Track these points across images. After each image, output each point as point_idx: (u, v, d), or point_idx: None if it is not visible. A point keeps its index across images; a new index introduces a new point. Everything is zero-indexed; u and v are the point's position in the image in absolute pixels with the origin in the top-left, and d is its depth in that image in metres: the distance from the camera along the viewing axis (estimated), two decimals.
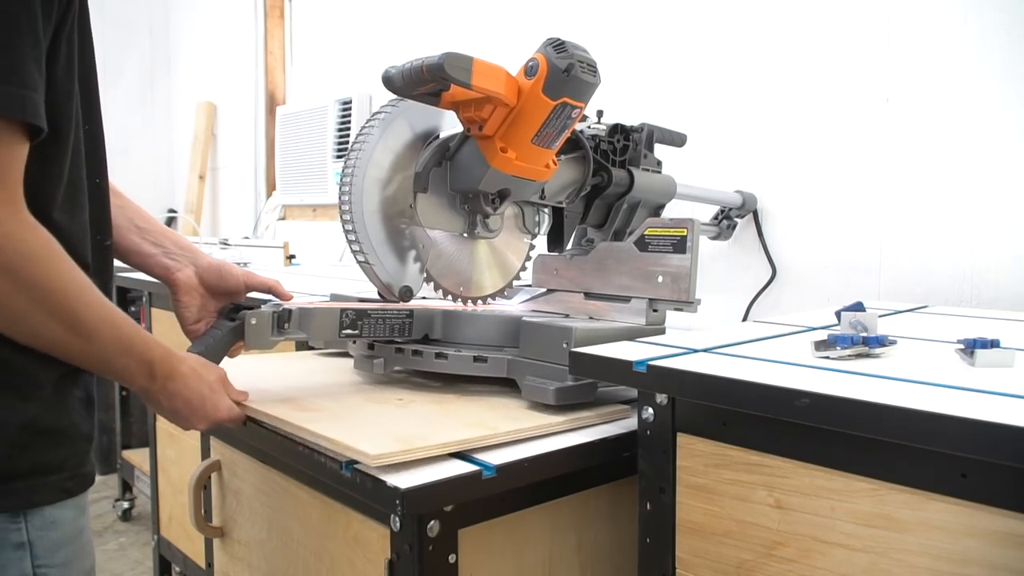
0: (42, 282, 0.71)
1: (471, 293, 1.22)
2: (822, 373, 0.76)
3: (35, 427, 0.76)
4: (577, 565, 0.99)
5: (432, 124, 1.16)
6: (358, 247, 1.11)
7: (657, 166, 1.33)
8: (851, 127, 1.55)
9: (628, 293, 1.15)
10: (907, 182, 1.47)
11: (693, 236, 1.08)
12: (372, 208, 1.11)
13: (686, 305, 1.09)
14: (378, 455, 0.81)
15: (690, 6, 1.82)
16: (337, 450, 0.85)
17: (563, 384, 0.99)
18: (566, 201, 1.23)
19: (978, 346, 0.79)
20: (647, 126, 1.31)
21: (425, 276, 1.16)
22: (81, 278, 0.75)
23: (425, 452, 0.85)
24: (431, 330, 1.15)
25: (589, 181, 1.23)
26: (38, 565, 0.76)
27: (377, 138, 1.11)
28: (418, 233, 1.14)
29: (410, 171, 1.13)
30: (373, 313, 1.10)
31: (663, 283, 1.11)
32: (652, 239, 1.13)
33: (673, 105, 1.84)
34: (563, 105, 1.04)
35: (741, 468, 0.79)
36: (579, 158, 1.22)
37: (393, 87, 1.02)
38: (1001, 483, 0.62)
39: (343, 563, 0.94)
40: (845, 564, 0.71)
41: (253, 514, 1.13)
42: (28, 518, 0.76)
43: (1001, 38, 1.35)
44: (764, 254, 1.68)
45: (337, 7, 3.20)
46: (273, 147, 3.55)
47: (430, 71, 0.96)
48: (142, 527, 2.90)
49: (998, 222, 1.36)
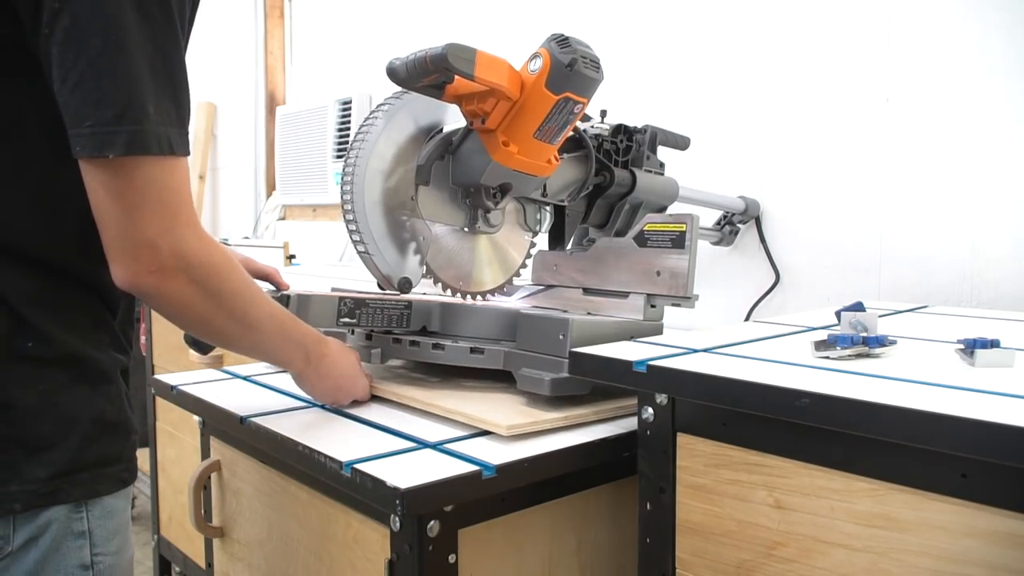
0: (224, 289, 0.83)
1: (470, 288, 1.22)
2: (822, 373, 0.76)
3: (103, 420, 0.82)
4: (577, 565, 0.99)
5: (435, 118, 1.16)
6: (359, 237, 1.11)
7: (660, 168, 1.33)
8: (851, 127, 1.54)
9: (626, 289, 1.15)
10: (907, 182, 1.47)
11: (692, 232, 1.08)
12: (374, 199, 1.11)
13: (684, 301, 1.10)
14: (510, 426, 0.92)
15: (692, 9, 1.82)
16: (470, 423, 0.96)
17: (558, 375, 0.99)
18: (567, 200, 1.23)
19: (978, 346, 0.79)
20: (651, 128, 1.31)
21: (425, 269, 1.16)
22: (249, 282, 0.88)
23: (546, 424, 0.96)
24: (429, 322, 1.15)
25: (591, 180, 1.23)
26: (95, 553, 0.81)
27: (380, 129, 1.11)
28: (419, 226, 1.14)
29: (412, 164, 1.13)
30: (372, 303, 1.10)
31: (661, 279, 1.11)
32: (652, 235, 1.13)
33: (675, 107, 1.84)
34: (565, 100, 1.04)
35: (741, 468, 0.79)
36: (582, 157, 1.22)
37: (397, 79, 1.02)
38: (1001, 483, 0.61)
39: (343, 563, 0.94)
40: (845, 564, 0.71)
41: (253, 514, 1.13)
42: (89, 508, 0.81)
43: (1001, 37, 1.35)
44: (767, 259, 1.67)
45: (337, 7, 3.20)
46: (273, 147, 3.55)
47: (434, 62, 0.96)
48: (142, 527, 2.90)
49: (998, 222, 1.36)
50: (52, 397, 0.78)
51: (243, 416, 1.02)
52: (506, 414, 0.97)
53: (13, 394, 0.77)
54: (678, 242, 1.09)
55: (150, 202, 0.75)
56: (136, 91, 0.72)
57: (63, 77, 0.71)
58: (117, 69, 0.71)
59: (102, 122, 0.71)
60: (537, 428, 0.95)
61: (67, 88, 0.71)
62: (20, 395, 0.77)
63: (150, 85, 0.73)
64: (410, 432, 0.95)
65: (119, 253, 0.76)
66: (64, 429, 0.79)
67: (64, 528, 0.79)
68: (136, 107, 0.72)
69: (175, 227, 0.77)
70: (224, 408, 1.06)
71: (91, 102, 0.71)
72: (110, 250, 0.76)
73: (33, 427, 0.77)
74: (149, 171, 0.74)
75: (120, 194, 0.74)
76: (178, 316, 0.84)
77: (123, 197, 0.74)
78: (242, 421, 1.01)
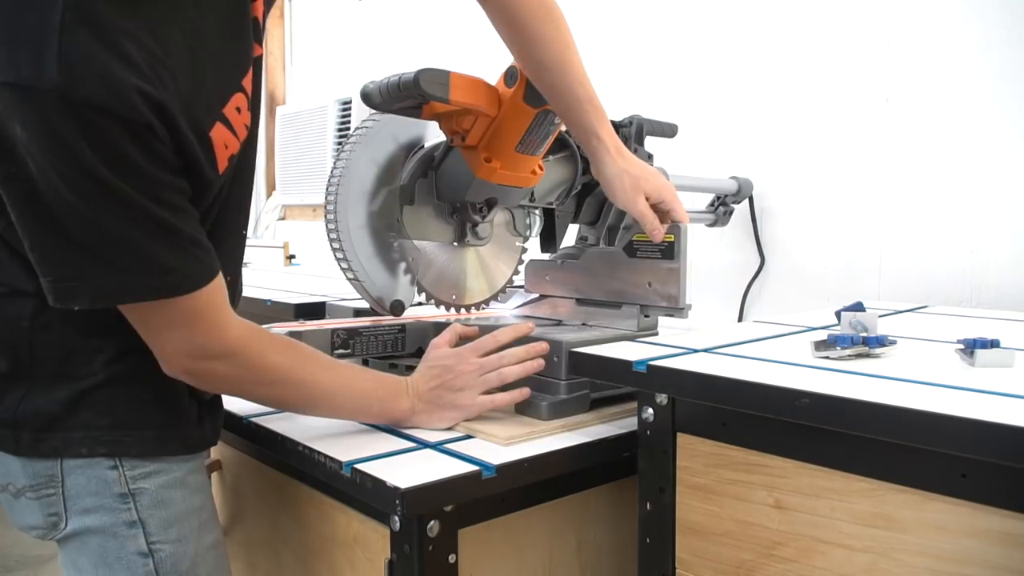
0: (267, 363, 0.86)
1: (464, 301, 1.21)
2: (822, 373, 0.76)
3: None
4: (577, 565, 0.99)
5: (416, 134, 1.14)
6: (346, 264, 1.09)
7: (648, 159, 1.32)
8: (851, 127, 1.54)
9: (619, 299, 1.14)
10: (907, 182, 1.47)
11: (682, 242, 1.08)
12: (359, 223, 1.09)
13: (676, 312, 1.09)
14: (508, 437, 0.91)
15: (691, 8, 1.82)
16: (468, 432, 0.95)
17: (556, 398, 0.99)
18: (556, 202, 1.21)
19: (978, 346, 0.79)
20: (636, 119, 1.28)
21: (417, 287, 1.15)
22: (294, 345, 0.89)
23: (543, 434, 0.95)
24: (424, 343, 1.14)
25: (579, 180, 1.20)
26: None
27: (360, 153, 1.09)
28: (407, 245, 1.13)
29: (396, 184, 1.12)
30: (364, 331, 1.09)
31: (653, 289, 1.10)
32: (640, 245, 1.12)
33: (674, 105, 1.84)
34: (544, 113, 1.02)
35: (741, 468, 0.79)
36: (567, 157, 1.20)
37: (372, 103, 1.00)
38: (1001, 483, 0.62)
39: (343, 563, 0.94)
40: (845, 564, 0.71)
41: (253, 514, 1.13)
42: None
43: (1001, 37, 1.35)
44: (755, 241, 1.67)
45: (337, 7, 3.20)
46: (273, 147, 3.55)
47: (406, 87, 0.95)
48: None
49: (998, 222, 1.36)
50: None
51: (243, 416, 1.02)
52: (504, 423, 0.97)
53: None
54: (668, 252, 1.08)
55: (158, 331, 0.79)
56: (80, 258, 0.71)
57: (20, 231, 0.72)
58: (59, 243, 0.71)
59: (60, 278, 0.72)
60: (535, 437, 0.94)
61: (26, 244, 0.73)
62: None
63: (103, 251, 0.72)
64: (410, 432, 0.95)
65: (157, 354, 0.81)
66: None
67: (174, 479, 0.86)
68: (85, 267, 0.72)
69: (195, 337, 0.80)
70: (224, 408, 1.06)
71: (45, 263, 0.72)
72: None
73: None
74: (138, 312, 0.77)
75: (132, 321, 0.79)
76: (232, 393, 0.89)
77: (135, 324, 0.79)
78: (242, 421, 1.01)
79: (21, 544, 2.74)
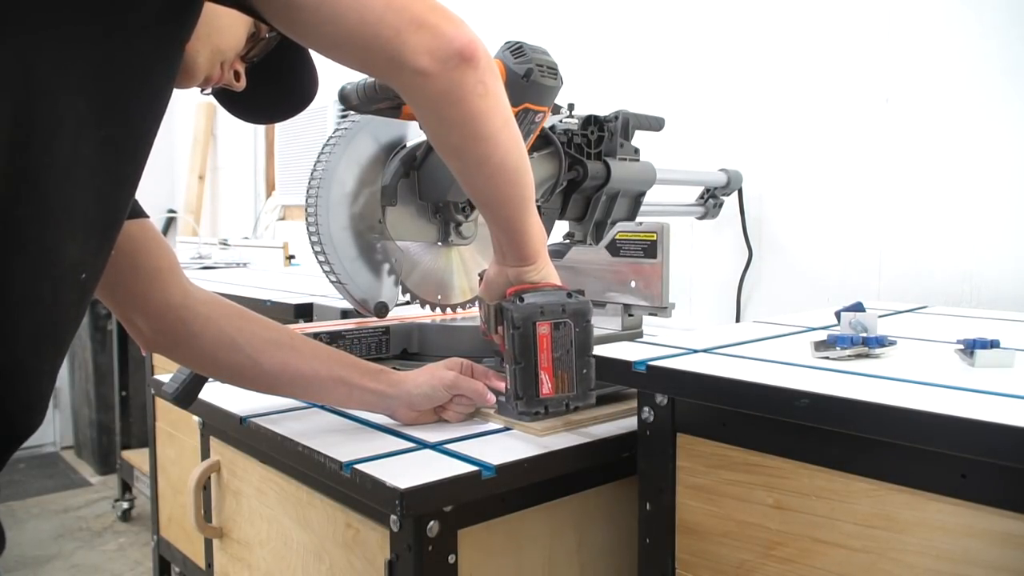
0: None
1: (449, 301, 1.21)
2: (822, 373, 0.76)
3: None
4: (577, 565, 0.99)
5: (398, 134, 1.14)
6: (329, 268, 1.09)
7: (635, 154, 1.30)
8: (851, 127, 1.55)
9: (603, 298, 1.14)
10: (907, 182, 1.47)
11: (664, 241, 1.07)
12: (340, 226, 1.09)
13: (660, 311, 1.08)
14: (544, 429, 0.93)
15: (695, 5, 1.82)
16: (513, 427, 0.96)
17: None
18: (541, 199, 1.20)
19: (978, 346, 0.79)
20: (623, 114, 1.27)
21: (401, 288, 1.15)
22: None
23: (578, 424, 0.96)
24: (409, 344, 1.14)
25: (564, 177, 1.19)
26: None
27: (340, 155, 1.09)
28: (390, 246, 1.13)
29: (377, 185, 1.11)
30: (348, 334, 1.09)
31: (636, 288, 1.10)
32: (623, 243, 1.12)
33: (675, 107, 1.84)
34: (525, 111, 1.01)
35: (741, 468, 0.79)
36: (551, 154, 1.18)
37: (350, 104, 1.00)
38: (1001, 483, 0.62)
39: (343, 563, 0.94)
40: (845, 564, 0.71)
41: (253, 514, 1.13)
42: None
43: (1001, 38, 1.35)
44: (743, 233, 1.67)
45: None
46: (273, 147, 3.55)
47: (383, 89, 0.95)
48: (142, 527, 2.90)
49: (998, 223, 1.36)
50: None
51: (243, 416, 1.02)
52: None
53: None
54: (650, 251, 1.08)
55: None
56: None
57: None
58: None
59: None
60: (572, 428, 0.95)
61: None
62: None
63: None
64: (409, 432, 0.95)
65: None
66: None
67: None
68: None
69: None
70: (224, 409, 1.06)
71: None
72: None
73: None
74: None
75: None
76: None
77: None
78: (242, 422, 1.01)
79: (21, 544, 2.74)
